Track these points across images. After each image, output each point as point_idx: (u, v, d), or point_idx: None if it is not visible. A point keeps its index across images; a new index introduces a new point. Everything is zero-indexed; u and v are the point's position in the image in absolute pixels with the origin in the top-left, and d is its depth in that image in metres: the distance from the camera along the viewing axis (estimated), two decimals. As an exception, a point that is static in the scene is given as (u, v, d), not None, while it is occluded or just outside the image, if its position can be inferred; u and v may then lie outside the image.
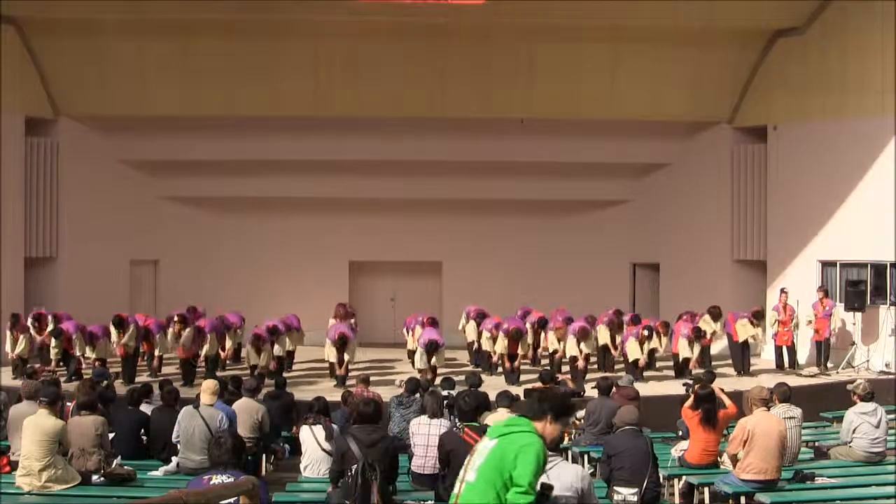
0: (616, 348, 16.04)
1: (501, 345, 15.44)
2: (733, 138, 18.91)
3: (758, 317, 16.38)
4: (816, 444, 10.93)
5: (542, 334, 16.35)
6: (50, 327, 15.34)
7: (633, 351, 15.51)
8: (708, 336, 16.21)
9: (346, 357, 15.02)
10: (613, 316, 16.38)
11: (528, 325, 16.16)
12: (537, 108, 18.15)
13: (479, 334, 16.53)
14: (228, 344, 15.98)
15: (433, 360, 14.75)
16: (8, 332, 15.29)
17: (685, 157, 19.38)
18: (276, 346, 15.56)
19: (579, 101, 18.09)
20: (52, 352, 14.99)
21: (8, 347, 15.23)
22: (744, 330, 16.21)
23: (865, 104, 16.52)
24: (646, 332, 15.55)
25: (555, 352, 15.80)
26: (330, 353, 15.18)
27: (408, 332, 17.25)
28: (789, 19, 17.52)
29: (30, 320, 15.57)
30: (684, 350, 15.64)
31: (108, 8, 16.32)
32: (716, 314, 16.31)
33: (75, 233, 18.21)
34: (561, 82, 17.95)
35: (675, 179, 19.53)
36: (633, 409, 8.76)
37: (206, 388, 9.39)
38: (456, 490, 4.65)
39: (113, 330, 15.09)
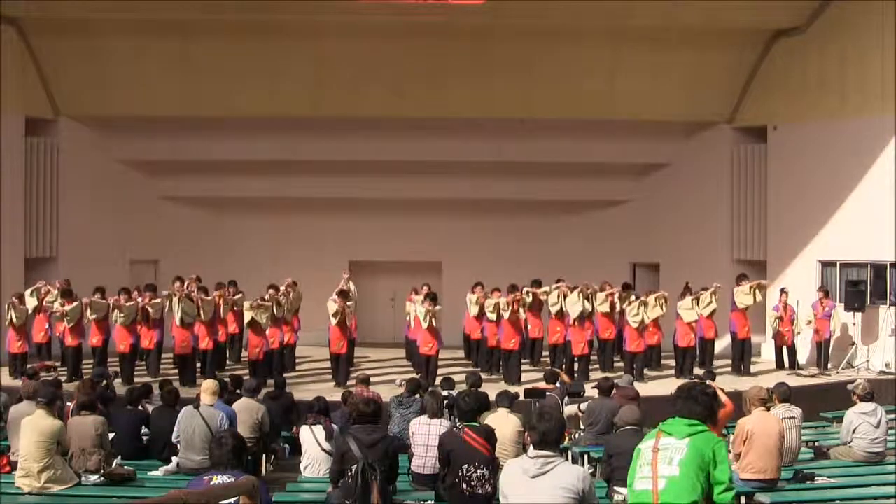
0: (616, 313, 16.27)
1: (504, 302, 15.71)
2: (733, 138, 18.92)
3: (744, 278, 16.61)
4: (816, 444, 10.93)
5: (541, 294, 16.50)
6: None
7: (636, 318, 15.74)
8: (709, 301, 16.17)
9: (350, 302, 15.70)
10: (605, 285, 16.53)
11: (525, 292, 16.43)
12: (537, 108, 18.15)
13: (481, 307, 16.47)
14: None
15: (435, 309, 15.29)
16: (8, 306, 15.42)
17: (685, 157, 19.38)
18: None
19: (579, 101, 18.09)
20: (56, 303, 15.31)
21: (5, 314, 15.35)
22: (746, 297, 16.26)
23: (865, 104, 16.53)
24: (633, 298, 16.02)
25: (556, 345, 16.13)
26: (331, 306, 15.55)
27: (409, 328, 17.23)
28: (789, 19, 17.53)
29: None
30: (688, 315, 15.88)
31: (108, 8, 16.32)
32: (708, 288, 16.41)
33: (75, 233, 18.21)
34: (561, 82, 17.96)
35: (675, 179, 19.53)
36: (635, 408, 8.75)
37: (206, 389, 9.38)
38: (649, 487, 4.84)
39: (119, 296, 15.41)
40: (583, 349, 15.81)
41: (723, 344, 17.00)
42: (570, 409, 11.54)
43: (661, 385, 14.99)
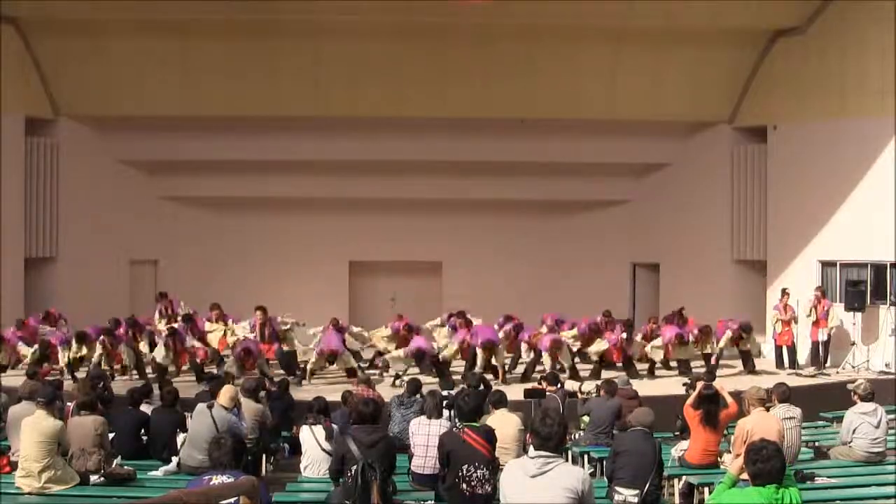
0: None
1: (481, 357, 14.58)
2: (733, 138, 18.91)
3: (746, 330, 15.93)
4: (816, 444, 10.93)
5: (518, 339, 15.58)
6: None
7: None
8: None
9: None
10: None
11: (502, 334, 15.48)
12: (537, 108, 18.15)
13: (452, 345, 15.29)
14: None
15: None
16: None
17: (685, 157, 19.38)
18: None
19: (579, 101, 18.09)
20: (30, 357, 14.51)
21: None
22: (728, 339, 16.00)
23: (865, 104, 16.51)
24: (624, 335, 15.38)
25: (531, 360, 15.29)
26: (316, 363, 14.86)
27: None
28: (789, 19, 17.53)
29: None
30: (677, 352, 15.63)
31: (108, 8, 16.32)
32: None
33: (75, 233, 18.21)
34: (561, 82, 17.95)
35: (675, 179, 19.54)
36: (649, 411, 8.73)
37: (225, 392, 9.33)
38: None
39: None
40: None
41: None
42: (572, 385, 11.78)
43: (662, 385, 14.97)
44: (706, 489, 8.90)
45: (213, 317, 16.14)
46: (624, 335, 15.36)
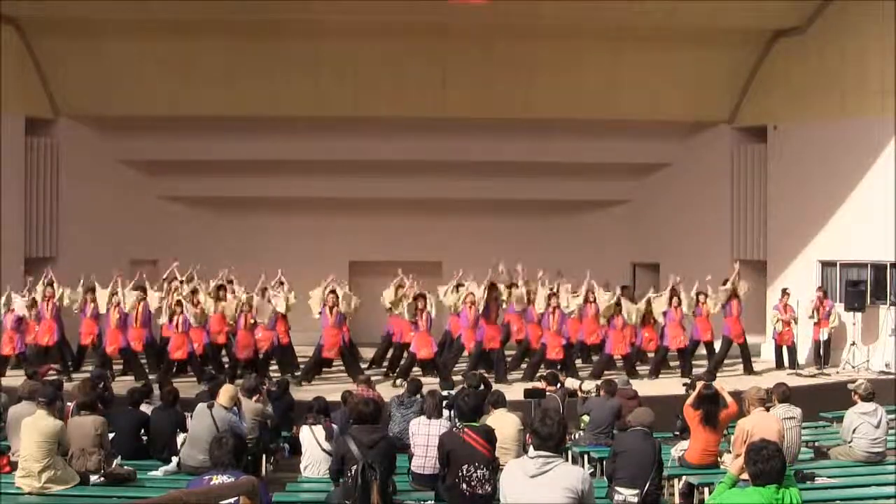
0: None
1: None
2: (733, 138, 18.92)
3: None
4: (816, 444, 10.93)
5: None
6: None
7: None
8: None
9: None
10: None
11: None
12: (537, 107, 18.16)
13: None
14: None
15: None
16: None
17: (685, 157, 19.38)
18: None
19: (579, 100, 18.08)
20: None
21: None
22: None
23: (865, 104, 16.53)
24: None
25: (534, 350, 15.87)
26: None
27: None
28: (789, 19, 17.54)
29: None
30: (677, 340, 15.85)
31: (108, 8, 16.31)
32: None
33: (75, 233, 18.21)
34: (561, 82, 17.96)
35: (675, 179, 19.54)
36: (649, 411, 8.74)
37: (225, 391, 9.34)
38: None
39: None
40: (557, 353, 15.70)
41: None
42: (572, 384, 11.78)
43: (662, 385, 14.98)
44: (706, 489, 8.90)
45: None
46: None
